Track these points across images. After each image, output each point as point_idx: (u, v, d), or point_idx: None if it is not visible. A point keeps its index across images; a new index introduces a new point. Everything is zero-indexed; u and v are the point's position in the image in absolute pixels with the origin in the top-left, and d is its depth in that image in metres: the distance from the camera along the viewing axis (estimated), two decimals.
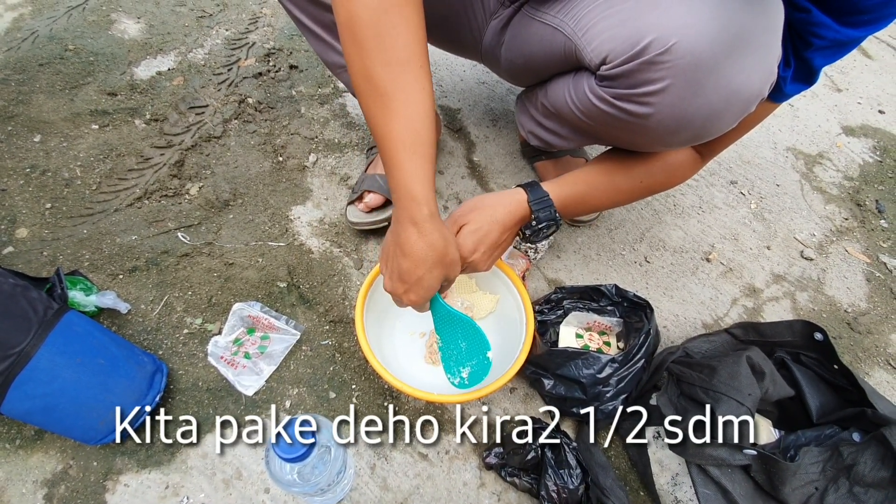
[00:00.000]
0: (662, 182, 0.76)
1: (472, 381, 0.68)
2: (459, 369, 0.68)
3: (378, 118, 0.54)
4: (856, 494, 0.57)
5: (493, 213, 0.68)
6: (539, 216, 0.70)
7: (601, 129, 0.68)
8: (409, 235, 0.55)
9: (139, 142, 1.02)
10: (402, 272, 0.57)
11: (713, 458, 0.57)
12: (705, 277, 0.96)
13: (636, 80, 0.55)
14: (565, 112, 0.71)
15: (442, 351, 0.69)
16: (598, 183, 0.74)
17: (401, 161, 0.54)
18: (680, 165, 0.74)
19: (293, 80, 1.16)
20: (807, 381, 0.69)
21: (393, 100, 0.52)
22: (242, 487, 0.69)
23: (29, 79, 1.12)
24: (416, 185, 0.54)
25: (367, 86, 0.53)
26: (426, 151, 0.55)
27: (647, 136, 0.62)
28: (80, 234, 0.89)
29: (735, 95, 0.54)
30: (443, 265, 0.58)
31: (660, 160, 0.73)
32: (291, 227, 0.93)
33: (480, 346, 0.68)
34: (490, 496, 0.70)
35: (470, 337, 0.68)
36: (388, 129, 0.53)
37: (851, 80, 1.40)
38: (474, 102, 1.17)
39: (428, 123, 0.54)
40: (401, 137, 0.53)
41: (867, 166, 1.20)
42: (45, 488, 0.66)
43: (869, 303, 0.97)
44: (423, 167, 0.55)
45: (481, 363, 0.68)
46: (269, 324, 0.79)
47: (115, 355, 0.68)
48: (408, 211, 0.55)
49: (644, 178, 0.74)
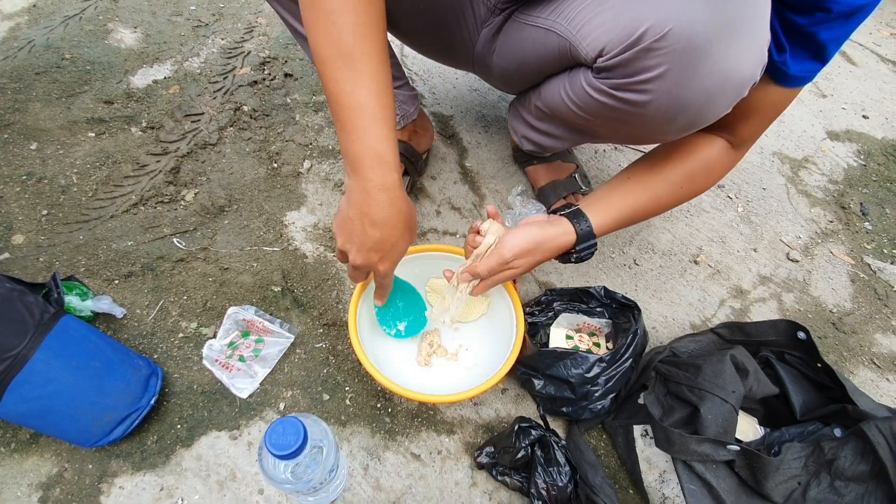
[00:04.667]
0: (702, 183, 0.75)
1: (408, 332, 0.79)
2: (395, 323, 0.78)
3: (342, 84, 0.54)
4: (836, 488, 0.58)
5: (541, 258, 0.71)
6: (581, 256, 0.72)
7: (598, 123, 0.69)
8: (380, 202, 0.55)
9: (135, 149, 1.03)
10: (375, 242, 0.57)
11: (698, 454, 0.59)
12: (693, 279, 0.98)
13: (634, 69, 0.57)
14: (561, 110, 0.72)
15: (378, 309, 0.77)
16: (640, 199, 0.73)
17: (369, 126, 0.54)
18: (717, 161, 0.72)
19: (288, 88, 1.18)
20: (791, 379, 0.71)
21: (360, 65, 0.53)
22: (237, 488, 0.69)
23: (26, 87, 1.13)
24: (388, 150, 0.54)
25: (332, 51, 0.53)
26: (391, 117, 0.55)
27: (645, 125, 0.63)
28: (76, 240, 0.90)
29: (729, 79, 0.55)
30: (410, 230, 0.60)
31: (696, 160, 0.72)
32: (286, 232, 0.95)
33: (417, 305, 0.80)
34: (482, 495, 0.71)
35: (407, 298, 0.78)
36: (353, 94, 0.53)
37: (836, 87, 1.43)
38: (466, 109, 1.19)
39: (391, 90, 0.56)
40: (369, 102, 0.53)
41: (851, 170, 1.22)
42: (39, 491, 0.67)
43: (853, 303, 0.99)
44: (391, 133, 0.55)
45: (417, 318, 0.79)
46: (264, 327, 0.80)
47: (110, 358, 0.68)
48: (378, 176, 0.54)
49: (684, 182, 0.73)
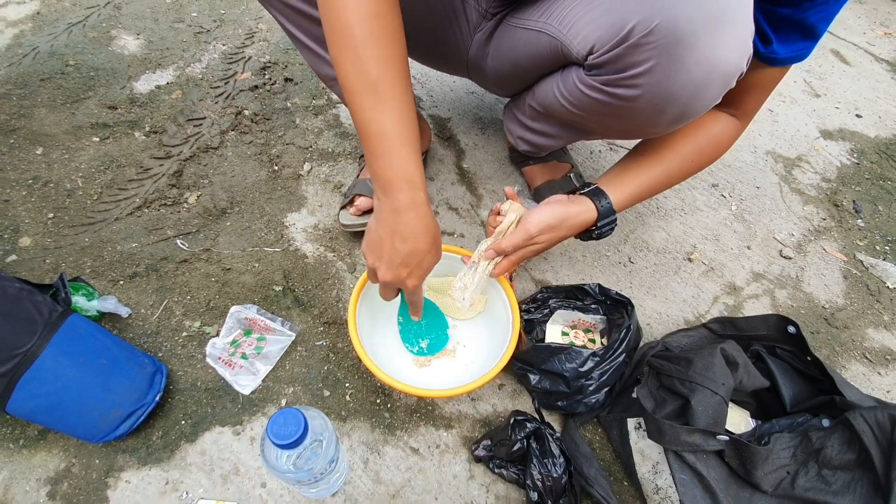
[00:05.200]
0: (711, 154, 0.78)
1: (430, 350, 0.81)
2: (418, 340, 0.80)
3: (370, 112, 0.57)
4: (824, 476, 0.60)
5: (564, 234, 0.75)
6: (602, 231, 0.76)
7: (591, 119, 0.71)
8: (408, 220, 0.58)
9: (139, 153, 1.05)
10: (404, 257, 0.60)
11: (688, 444, 0.60)
12: (687, 277, 1.00)
13: (623, 64, 0.59)
14: (555, 108, 0.75)
15: (401, 326, 0.79)
16: (654, 173, 0.76)
17: (396, 150, 0.57)
18: (723, 134, 0.76)
19: (288, 92, 1.20)
20: (781, 372, 0.72)
21: (385, 93, 0.56)
22: (240, 482, 0.71)
23: (30, 93, 1.16)
24: (415, 172, 0.58)
25: (359, 83, 0.56)
26: (416, 140, 0.59)
27: (636, 118, 0.65)
28: (81, 243, 0.92)
29: (715, 69, 0.57)
30: (437, 246, 0.63)
31: (704, 133, 0.75)
32: (287, 233, 0.97)
33: (440, 324, 0.82)
34: (479, 488, 0.73)
35: (430, 316, 0.79)
36: (380, 121, 0.57)
37: (830, 86, 1.45)
38: (464, 112, 1.21)
39: (415, 118, 0.59)
40: (395, 128, 0.57)
41: (845, 168, 1.24)
42: (48, 486, 0.69)
43: (846, 299, 1.00)
44: (417, 155, 0.59)
45: (440, 337, 0.82)
46: (265, 325, 0.82)
47: (116, 356, 0.70)
48: (407, 197, 0.58)
49: (694, 156, 0.77)
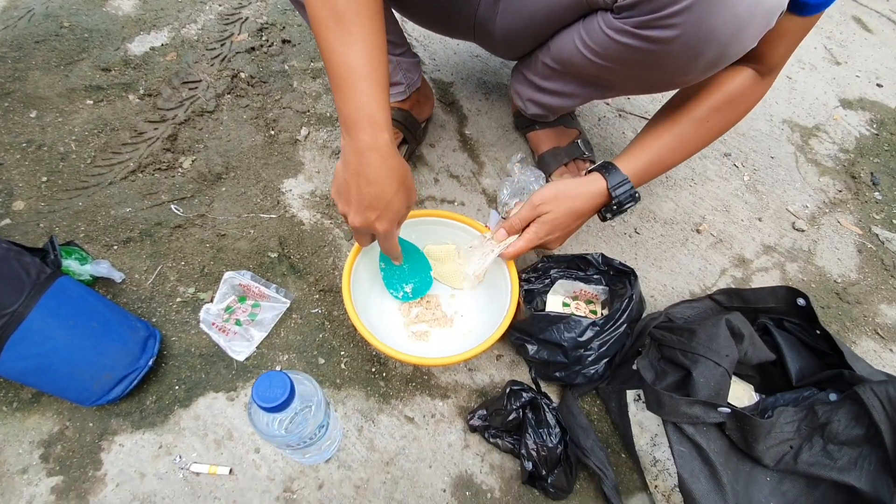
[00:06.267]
0: (730, 114, 0.72)
1: (415, 294, 0.80)
2: (402, 285, 0.79)
3: (335, 44, 0.54)
4: (829, 452, 0.58)
5: (572, 203, 0.71)
6: (620, 200, 0.71)
7: (616, 71, 0.67)
8: (371, 162, 0.56)
9: (133, 116, 1.03)
10: (371, 199, 0.58)
11: (688, 415, 0.58)
12: (695, 248, 0.96)
13: (659, 3, 0.55)
14: (575, 61, 0.70)
15: (384, 272, 0.78)
16: (667, 140, 0.72)
17: (360, 87, 0.54)
18: (743, 90, 0.69)
19: (286, 54, 1.16)
20: (788, 346, 0.70)
21: (352, 26, 0.54)
22: (233, 447, 0.71)
23: (25, 56, 1.13)
24: (379, 112, 0.55)
25: (326, 12, 0.54)
26: (383, 79, 0.56)
27: (668, 65, 0.61)
28: (75, 207, 0.90)
29: (759, 4, 0.53)
30: (406, 188, 0.61)
31: (720, 93, 0.69)
32: (283, 199, 0.94)
33: (422, 267, 0.80)
34: (474, 457, 0.72)
35: (412, 259, 0.78)
36: (345, 55, 0.54)
37: (850, 54, 1.38)
38: (467, 76, 1.17)
39: (384, 53, 0.56)
40: (360, 64, 0.54)
41: (863, 139, 1.19)
42: (41, 448, 0.69)
43: (859, 273, 0.97)
44: (383, 94, 0.56)
45: (423, 279, 0.80)
46: (260, 292, 0.81)
47: (108, 319, 0.69)
48: (369, 137, 0.55)
49: (710, 115, 0.70)
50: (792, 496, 0.60)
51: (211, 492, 0.68)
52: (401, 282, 0.80)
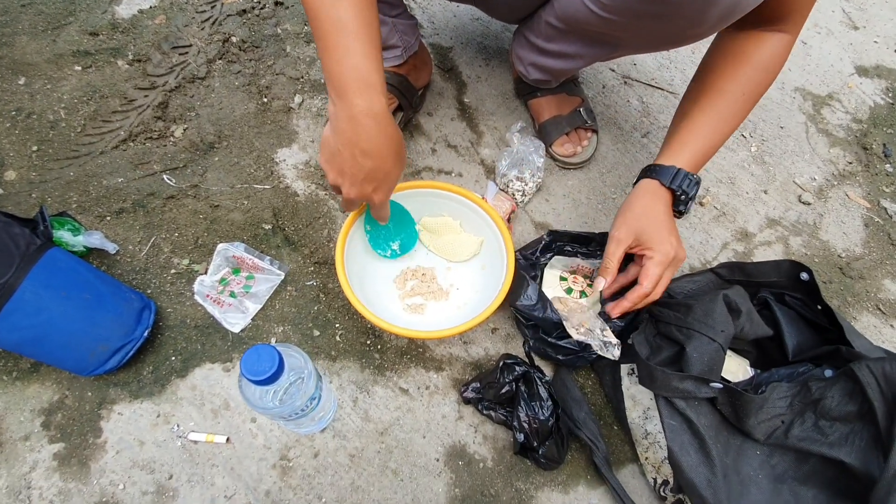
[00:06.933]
0: (760, 82, 0.68)
1: (402, 250, 0.79)
2: (389, 244, 0.78)
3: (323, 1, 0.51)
4: (821, 427, 0.58)
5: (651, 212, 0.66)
6: (683, 189, 0.67)
7: (624, 26, 0.63)
8: (367, 129, 0.53)
9: (122, 83, 1.00)
10: (368, 172, 0.55)
11: (679, 390, 0.58)
12: (697, 221, 0.95)
13: None
14: (582, 18, 0.66)
15: (369, 234, 0.77)
16: (706, 124, 0.68)
17: (352, 45, 0.51)
18: (772, 56, 0.66)
19: (278, 17, 1.12)
20: (787, 321, 0.69)
21: None
22: (230, 416, 0.72)
23: (11, 20, 1.09)
24: (373, 73, 0.51)
25: None
26: (375, 37, 0.52)
27: (679, 16, 0.57)
28: (67, 177, 0.89)
29: None
30: (402, 157, 0.58)
31: (746, 62, 0.66)
32: (277, 169, 0.93)
33: (406, 222, 0.79)
34: (467, 428, 0.73)
35: (395, 217, 0.75)
36: (334, 8, 0.50)
37: (870, 18, 1.31)
38: (467, 40, 1.13)
39: (374, 9, 0.53)
40: (351, 20, 0.50)
41: (878, 108, 1.14)
42: (42, 416, 0.70)
43: (864, 248, 0.95)
44: (376, 53, 0.52)
45: (409, 234, 0.79)
46: (254, 264, 0.80)
47: (101, 291, 0.69)
48: (364, 101, 0.52)
49: (743, 88, 0.67)
50: (781, 469, 0.60)
51: (209, 459, 0.69)
52: (387, 240, 0.79)
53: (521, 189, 0.89)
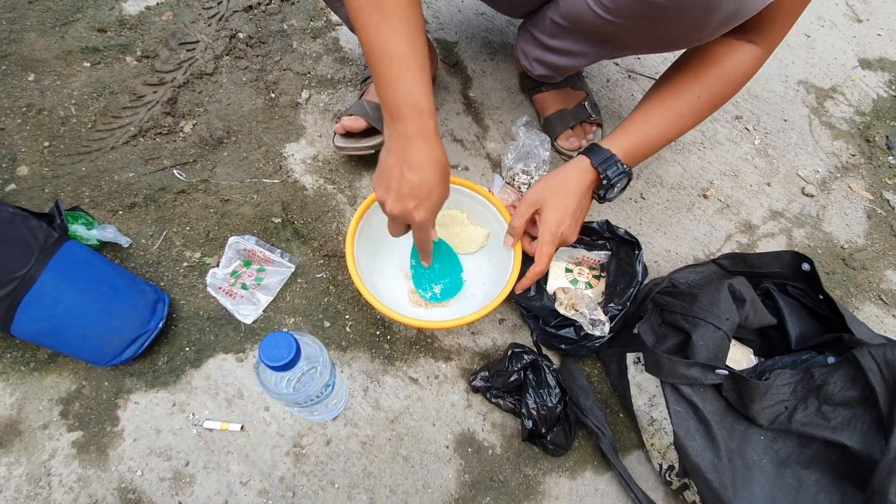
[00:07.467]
0: (722, 89, 0.69)
1: (443, 296, 0.77)
2: (431, 286, 0.76)
3: (375, 32, 0.54)
4: (824, 412, 0.59)
5: (563, 186, 0.69)
6: (608, 174, 0.69)
7: (627, 27, 0.64)
8: (418, 149, 0.56)
9: (131, 79, 1.01)
10: (412, 187, 0.57)
11: (685, 377, 0.59)
12: (701, 214, 0.96)
13: None
14: (585, 17, 0.67)
15: (413, 270, 0.76)
16: (657, 117, 0.70)
17: (402, 75, 0.54)
18: (739, 66, 0.67)
19: (285, 13, 1.13)
20: (790, 310, 0.70)
21: (391, 11, 0.53)
22: (244, 405, 0.73)
23: (20, 17, 1.10)
24: (423, 99, 0.55)
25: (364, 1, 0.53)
26: (425, 64, 0.55)
27: (682, 20, 0.58)
28: (79, 172, 0.90)
29: None
30: (447, 180, 0.61)
31: (716, 69, 0.67)
32: (285, 164, 0.94)
33: (454, 268, 0.77)
34: (476, 416, 0.74)
35: (444, 259, 0.74)
36: (386, 41, 0.53)
37: (873, 10, 1.32)
38: (472, 35, 1.13)
39: (424, 38, 0.56)
40: (402, 50, 0.54)
41: (881, 101, 1.15)
42: (60, 405, 0.71)
43: (867, 239, 0.96)
44: (425, 80, 0.55)
45: (454, 281, 0.77)
46: (265, 257, 0.82)
47: (116, 283, 0.71)
48: (415, 124, 0.55)
49: (702, 90, 0.69)
50: (784, 454, 0.61)
51: (224, 446, 0.71)
52: (430, 281, 0.77)
53: (527, 182, 0.90)
